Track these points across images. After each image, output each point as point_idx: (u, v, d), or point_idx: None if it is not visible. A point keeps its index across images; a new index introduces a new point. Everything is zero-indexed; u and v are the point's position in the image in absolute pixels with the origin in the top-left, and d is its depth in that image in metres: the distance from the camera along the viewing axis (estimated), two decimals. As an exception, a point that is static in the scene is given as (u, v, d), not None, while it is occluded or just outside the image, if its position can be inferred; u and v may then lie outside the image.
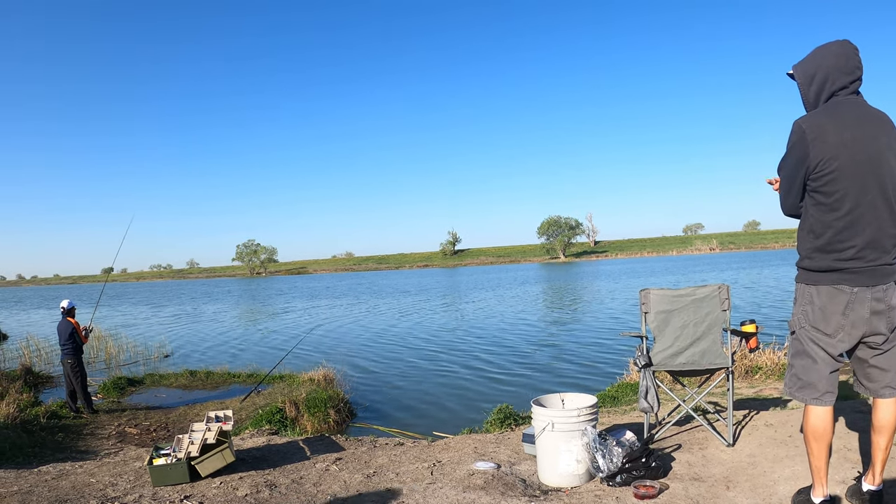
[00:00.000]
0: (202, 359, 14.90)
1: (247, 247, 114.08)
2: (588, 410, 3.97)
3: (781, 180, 2.91)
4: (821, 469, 2.89)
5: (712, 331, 4.53)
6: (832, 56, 2.79)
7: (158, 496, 4.33)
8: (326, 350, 15.29)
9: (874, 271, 2.71)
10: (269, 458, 5.35)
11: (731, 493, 3.48)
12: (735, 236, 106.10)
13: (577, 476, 3.91)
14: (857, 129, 2.69)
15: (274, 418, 7.61)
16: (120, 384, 10.76)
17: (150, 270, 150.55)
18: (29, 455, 6.23)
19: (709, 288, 4.55)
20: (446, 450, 5.13)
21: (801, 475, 3.54)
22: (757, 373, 7.91)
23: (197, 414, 8.46)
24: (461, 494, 3.86)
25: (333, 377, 10.27)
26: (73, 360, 8.71)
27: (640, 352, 4.54)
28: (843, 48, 2.78)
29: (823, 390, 2.82)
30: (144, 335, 20.84)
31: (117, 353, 16.01)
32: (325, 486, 4.36)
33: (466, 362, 12.68)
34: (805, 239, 2.86)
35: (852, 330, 2.76)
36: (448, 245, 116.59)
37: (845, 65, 2.76)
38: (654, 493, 3.49)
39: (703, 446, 4.41)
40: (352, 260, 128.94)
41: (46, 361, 14.69)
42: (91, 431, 7.73)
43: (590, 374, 10.70)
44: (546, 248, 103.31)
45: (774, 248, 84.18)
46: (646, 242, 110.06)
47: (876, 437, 2.89)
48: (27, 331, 22.46)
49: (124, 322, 27.06)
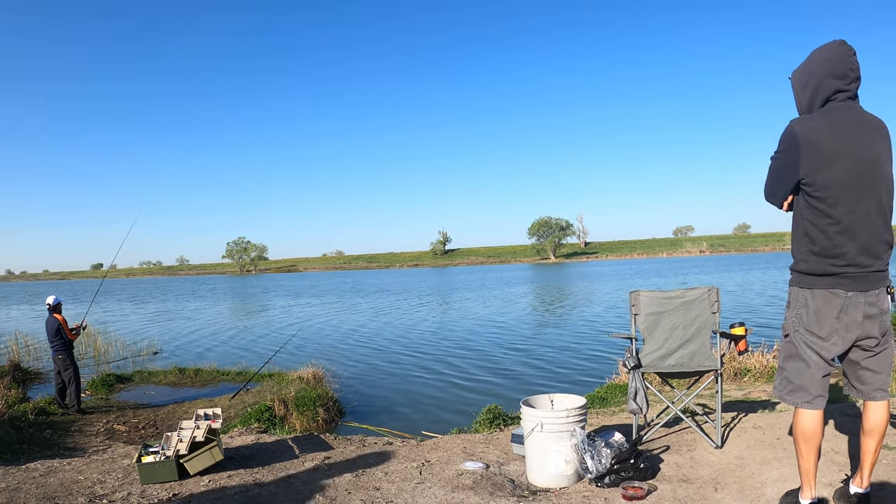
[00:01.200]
0: (191, 356, 14.83)
1: (237, 244, 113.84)
2: (577, 411, 3.98)
3: (770, 169, 2.89)
4: (809, 471, 2.89)
5: (701, 333, 4.56)
6: (822, 62, 2.76)
7: (147, 494, 4.31)
8: (315, 348, 15.25)
9: (868, 277, 2.72)
10: (258, 456, 5.34)
11: (719, 494, 3.50)
12: (725, 239, 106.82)
13: (566, 477, 3.92)
14: (851, 135, 2.68)
15: (263, 416, 7.59)
16: (109, 381, 10.72)
17: (139, 267, 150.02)
18: (17, 452, 6.18)
19: (698, 290, 4.57)
20: (435, 450, 5.13)
21: (789, 477, 3.57)
22: (746, 375, 7.96)
23: (186, 412, 8.42)
24: (450, 494, 3.86)
25: (322, 376, 10.25)
26: (64, 356, 8.65)
27: (629, 353, 4.56)
28: (835, 51, 2.74)
29: (815, 394, 2.83)
30: (133, 332, 20.71)
31: (106, 349, 15.89)
32: (313, 485, 4.35)
33: (456, 362, 12.69)
34: (800, 243, 2.85)
35: (846, 333, 2.77)
36: (438, 245, 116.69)
37: (838, 69, 2.72)
38: (643, 494, 3.51)
39: (692, 448, 4.43)
40: (342, 258, 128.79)
41: (35, 357, 14.56)
42: (79, 428, 7.68)
43: (579, 376, 10.73)
44: (536, 248, 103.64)
45: (764, 251, 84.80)
46: (636, 244, 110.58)
47: (865, 439, 2.91)
48: (15, 326, 22.27)
49: (113, 318, 26.89)
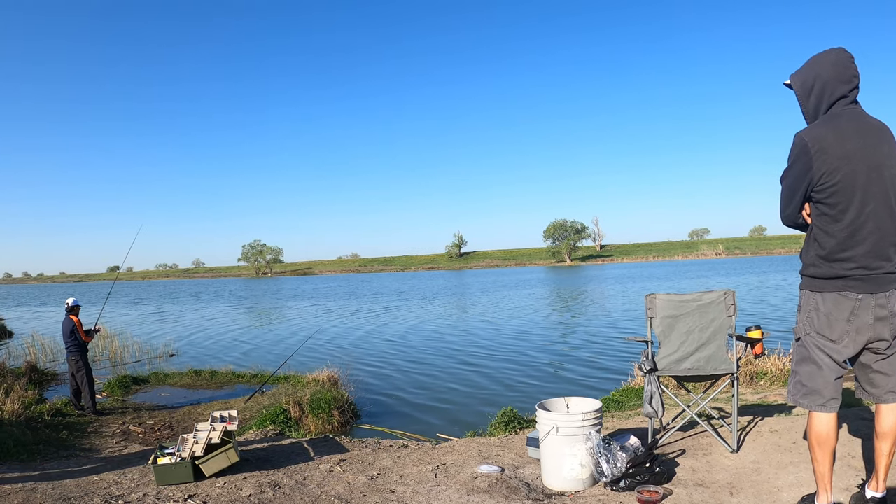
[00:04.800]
0: (207, 359, 14.93)
1: (252, 247, 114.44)
2: (592, 415, 3.97)
3: (783, 190, 2.92)
4: (825, 476, 2.89)
5: (717, 336, 4.53)
6: (829, 66, 2.79)
7: (162, 495, 4.35)
8: (331, 351, 15.30)
9: (878, 279, 2.74)
10: (273, 458, 5.36)
11: (735, 499, 3.47)
12: (741, 241, 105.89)
13: (581, 481, 3.91)
14: (859, 139, 2.71)
15: (278, 419, 7.61)
16: (125, 383, 10.80)
17: (156, 270, 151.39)
18: (33, 452, 6.25)
19: (714, 293, 4.54)
20: (450, 452, 5.13)
21: (806, 482, 3.54)
22: (762, 379, 7.89)
23: (201, 413, 8.47)
24: (465, 497, 3.86)
25: (338, 378, 10.27)
26: (77, 357, 8.74)
27: (645, 356, 4.54)
28: (839, 57, 2.79)
29: (828, 397, 2.83)
30: (149, 334, 20.90)
31: (122, 351, 16.05)
32: (328, 488, 4.36)
33: (471, 365, 12.67)
34: (809, 247, 2.88)
35: (857, 336, 2.78)
36: (454, 247, 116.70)
37: (843, 74, 2.77)
38: (658, 498, 3.49)
39: (708, 452, 4.40)
40: (357, 261, 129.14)
41: (51, 359, 14.73)
42: (95, 430, 7.75)
43: (595, 379, 10.68)
44: (552, 251, 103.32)
45: (780, 253, 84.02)
46: (652, 247, 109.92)
47: (879, 443, 2.89)
48: (32, 328, 22.57)
49: (128, 321, 27.15)
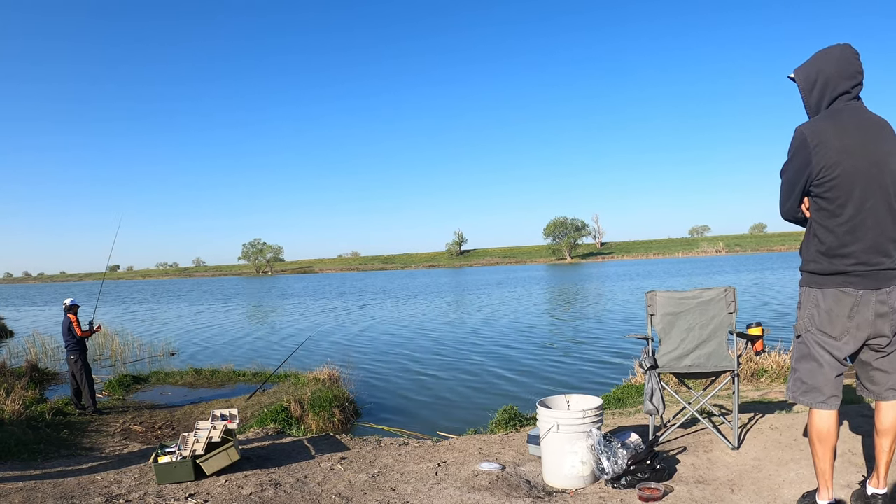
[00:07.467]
0: (207, 357, 14.93)
1: (253, 246, 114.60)
2: (593, 412, 3.97)
3: (782, 185, 2.91)
4: (826, 472, 2.89)
5: (718, 333, 4.53)
6: (833, 61, 2.79)
7: (163, 494, 4.35)
8: (331, 349, 15.30)
9: (878, 275, 2.73)
10: (274, 456, 5.36)
11: (736, 496, 3.47)
12: (741, 239, 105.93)
13: (582, 478, 3.91)
14: (859, 135, 2.70)
15: (279, 417, 7.61)
16: (125, 382, 10.81)
17: (156, 269, 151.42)
18: (34, 452, 6.25)
19: (715, 290, 4.54)
20: (451, 450, 5.13)
21: (806, 479, 3.54)
22: (762, 376, 7.88)
23: (202, 412, 8.48)
24: (466, 495, 3.86)
25: (338, 376, 10.27)
26: (76, 356, 8.74)
27: (645, 354, 4.53)
28: (844, 53, 2.79)
29: (829, 394, 2.83)
30: (149, 333, 20.91)
31: (123, 350, 16.05)
32: (329, 486, 4.36)
33: (471, 363, 12.68)
34: (809, 244, 2.87)
35: (857, 332, 2.77)
36: (454, 245, 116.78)
37: (846, 70, 2.76)
38: (659, 495, 3.49)
39: (708, 449, 4.40)
40: (358, 259, 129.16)
41: (52, 358, 14.73)
42: (96, 429, 7.75)
43: (595, 376, 10.68)
44: (552, 249, 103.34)
45: (781, 250, 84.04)
46: (652, 244, 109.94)
47: (879, 439, 2.89)
48: (33, 327, 22.57)
49: (129, 320, 27.16)
